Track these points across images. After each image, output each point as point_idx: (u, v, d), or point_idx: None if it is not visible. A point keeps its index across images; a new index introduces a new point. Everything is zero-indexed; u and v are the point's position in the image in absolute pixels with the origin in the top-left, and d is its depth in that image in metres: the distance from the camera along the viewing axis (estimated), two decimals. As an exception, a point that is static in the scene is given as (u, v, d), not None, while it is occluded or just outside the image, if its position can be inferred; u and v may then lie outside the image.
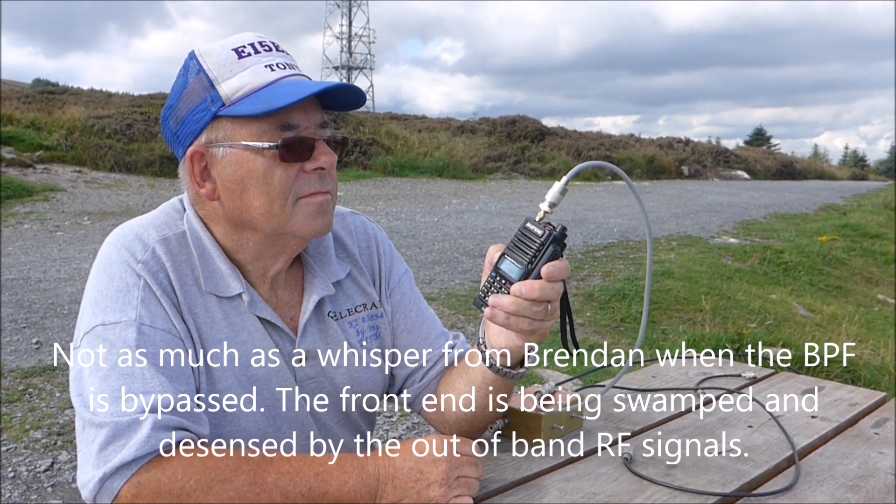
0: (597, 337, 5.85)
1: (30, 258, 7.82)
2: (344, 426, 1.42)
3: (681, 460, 1.35)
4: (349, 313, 1.40)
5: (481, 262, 8.22)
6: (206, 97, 1.20)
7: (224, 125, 1.20)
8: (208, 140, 1.21)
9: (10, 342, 5.08)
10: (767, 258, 9.25)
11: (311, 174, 1.22)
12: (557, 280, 1.14)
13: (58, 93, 23.99)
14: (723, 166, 29.48)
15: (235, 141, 1.19)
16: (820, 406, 1.66)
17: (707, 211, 14.52)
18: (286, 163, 1.20)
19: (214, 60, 1.20)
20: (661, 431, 1.50)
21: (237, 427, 1.26)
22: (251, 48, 1.22)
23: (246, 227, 1.25)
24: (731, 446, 1.43)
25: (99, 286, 1.20)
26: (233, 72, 1.19)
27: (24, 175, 13.01)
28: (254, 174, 1.20)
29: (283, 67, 1.22)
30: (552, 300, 1.16)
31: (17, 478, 3.31)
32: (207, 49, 1.22)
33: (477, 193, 16.25)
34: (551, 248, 1.14)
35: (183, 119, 1.22)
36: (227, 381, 1.24)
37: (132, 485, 1.04)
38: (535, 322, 1.16)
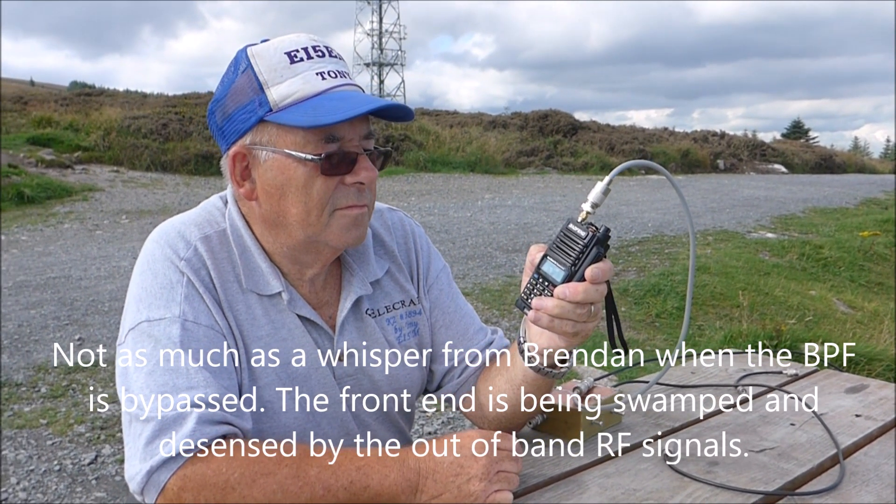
0: (632, 333, 5.81)
1: (70, 257, 7.97)
2: (382, 422, 1.43)
3: (722, 458, 1.34)
4: (387, 310, 1.41)
5: (515, 256, 8.21)
6: (254, 99, 1.20)
7: (269, 130, 1.21)
8: (252, 142, 1.22)
9: (53, 339, 5.19)
10: (806, 253, 9.10)
11: (350, 187, 1.23)
12: (601, 282, 1.14)
13: (94, 94, 24.42)
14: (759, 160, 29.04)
15: (279, 147, 1.20)
16: (864, 405, 1.64)
17: (743, 205, 14.32)
18: (326, 175, 1.20)
19: (266, 63, 1.21)
20: (702, 428, 1.49)
21: (277, 423, 1.27)
22: (304, 53, 1.21)
23: (281, 230, 1.26)
24: (772, 444, 1.41)
25: (143, 283, 1.22)
26: (283, 77, 1.19)
27: (64, 176, 13.25)
28: (294, 182, 1.21)
29: (335, 76, 1.22)
30: (596, 302, 1.15)
31: (63, 471, 3.38)
32: (260, 50, 1.22)
33: (510, 188, 16.21)
34: (595, 249, 1.13)
35: (229, 116, 1.23)
36: (268, 378, 1.26)
37: (178, 478, 1.06)
38: (578, 324, 1.16)
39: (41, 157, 13.66)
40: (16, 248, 8.47)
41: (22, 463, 3.45)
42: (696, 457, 1.34)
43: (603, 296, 1.16)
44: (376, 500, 1.10)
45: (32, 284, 6.67)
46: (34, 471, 3.37)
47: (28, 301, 6.12)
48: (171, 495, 1.06)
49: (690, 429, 1.49)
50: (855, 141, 70.05)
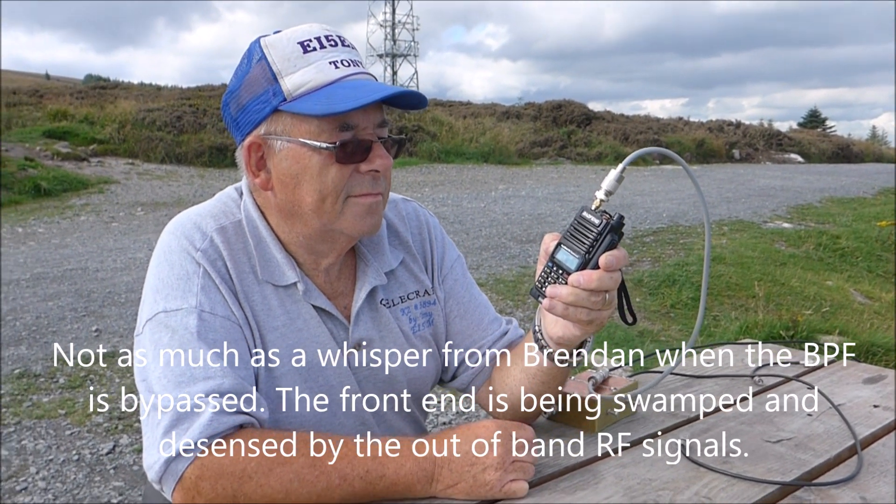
0: (647, 323, 5.79)
1: (87, 249, 8.03)
2: (397, 412, 1.43)
3: (738, 448, 1.34)
4: (402, 301, 1.41)
5: (529, 247, 8.20)
6: (268, 89, 1.20)
7: (284, 119, 1.21)
8: (267, 132, 1.22)
9: (70, 330, 5.23)
10: (823, 243, 9.03)
11: (364, 175, 1.23)
12: (615, 270, 1.13)
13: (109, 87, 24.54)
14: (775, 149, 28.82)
15: (293, 136, 1.20)
16: (882, 395, 1.63)
17: (759, 195, 14.22)
18: (341, 163, 1.20)
19: (279, 53, 1.20)
20: (718, 419, 1.48)
21: (293, 412, 1.28)
22: (317, 42, 1.21)
23: (297, 219, 1.26)
24: (789, 435, 1.40)
25: (160, 274, 1.23)
26: (297, 66, 1.19)
27: (80, 168, 13.34)
28: (308, 171, 1.21)
29: (348, 65, 1.22)
30: (611, 290, 1.15)
31: (81, 460, 3.42)
32: (273, 40, 1.22)
33: (523, 179, 16.17)
34: (609, 237, 1.13)
35: (244, 107, 1.24)
36: (284, 368, 1.27)
37: (196, 467, 1.07)
38: (593, 312, 1.15)
39: (57, 150, 13.75)
40: (33, 241, 8.54)
41: (41, 453, 3.48)
42: (713, 447, 1.34)
43: (617, 283, 1.15)
44: (392, 489, 1.11)
45: (50, 276, 6.73)
46: (53, 460, 3.41)
47: (46, 293, 6.17)
48: (189, 484, 1.07)
49: (706, 419, 1.48)
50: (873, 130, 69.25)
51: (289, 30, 1.24)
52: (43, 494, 3.12)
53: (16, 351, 4.81)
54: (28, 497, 3.09)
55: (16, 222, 9.61)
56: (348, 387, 1.33)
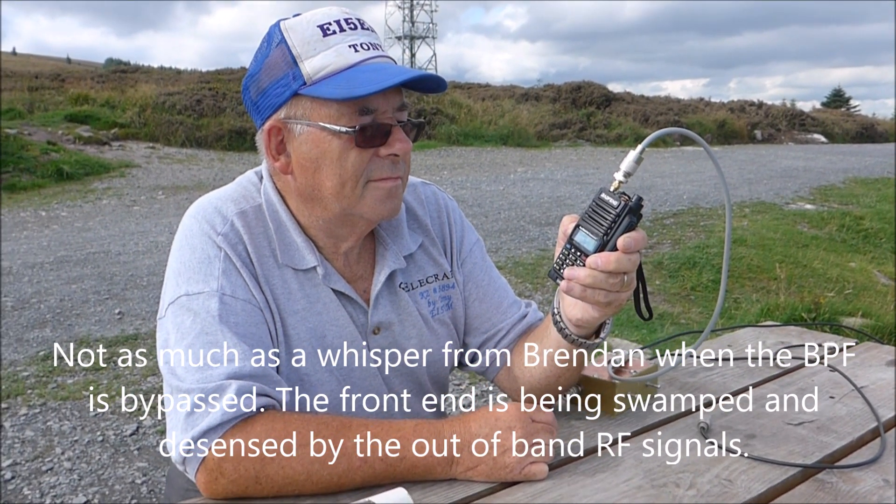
0: (666, 306, 5.77)
1: (109, 232, 8.11)
2: (416, 395, 1.43)
3: (759, 430, 1.33)
4: (420, 284, 1.41)
5: (548, 230, 8.18)
6: (288, 73, 1.20)
7: (304, 103, 1.20)
8: (287, 116, 1.22)
9: (94, 313, 5.30)
10: (846, 225, 8.92)
11: (384, 159, 1.23)
12: (634, 252, 1.13)
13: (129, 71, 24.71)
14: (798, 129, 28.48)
15: (313, 120, 1.20)
16: (905, 376, 1.61)
17: (781, 176, 14.08)
18: (360, 147, 1.20)
19: (299, 36, 1.20)
20: (739, 401, 1.47)
21: (313, 395, 1.29)
22: (336, 25, 1.20)
23: (317, 203, 1.27)
24: (811, 417, 1.40)
25: (182, 257, 1.24)
26: (316, 50, 1.19)
27: (101, 152, 13.45)
28: (328, 155, 1.21)
29: (367, 48, 1.21)
30: (629, 272, 1.14)
31: (106, 441, 3.47)
32: (293, 23, 1.22)
33: (542, 161, 16.10)
34: (627, 218, 1.12)
35: (264, 90, 1.23)
36: (305, 351, 1.27)
37: (218, 448, 1.08)
38: (611, 294, 1.15)
39: (79, 134, 13.86)
40: (56, 224, 8.63)
41: (66, 434, 3.54)
42: (733, 429, 1.33)
43: (636, 266, 1.15)
44: (412, 471, 1.12)
45: (73, 260, 6.80)
46: (78, 441, 3.46)
47: (69, 276, 6.25)
48: (212, 465, 1.09)
49: (727, 401, 1.47)
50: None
51: (308, 13, 1.24)
52: (68, 475, 3.17)
53: (40, 333, 4.88)
54: (54, 477, 3.15)
55: (39, 206, 9.71)
56: (367, 369, 1.34)
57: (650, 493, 1.11)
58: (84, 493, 3.04)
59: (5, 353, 4.52)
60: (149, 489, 3.08)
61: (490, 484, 1.13)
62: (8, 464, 3.23)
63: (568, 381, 1.37)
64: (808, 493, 1.14)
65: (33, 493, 3.03)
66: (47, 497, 3.01)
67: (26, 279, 6.15)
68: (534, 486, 1.13)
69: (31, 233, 8.15)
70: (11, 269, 6.46)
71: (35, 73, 21.43)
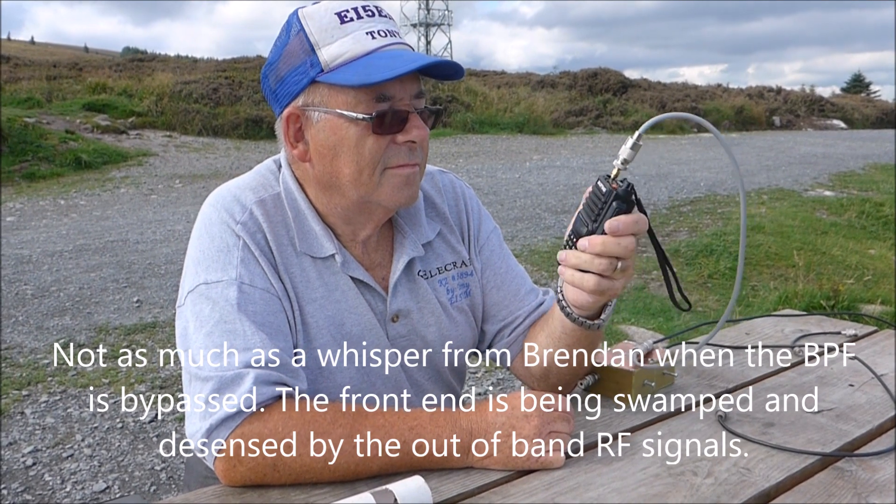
0: (684, 294, 5.74)
1: (127, 221, 8.16)
2: (435, 382, 1.44)
3: (778, 419, 1.32)
4: (439, 272, 1.42)
5: (564, 218, 8.16)
6: (305, 60, 1.20)
7: (321, 90, 1.21)
8: (305, 103, 1.22)
9: (112, 301, 5.34)
10: (866, 211, 8.83)
11: (401, 146, 1.23)
12: (623, 234, 1.12)
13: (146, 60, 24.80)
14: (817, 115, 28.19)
15: (331, 108, 1.20)
16: (926, 364, 1.59)
17: (800, 163, 13.95)
18: (378, 134, 1.20)
19: (317, 24, 1.20)
20: (757, 389, 1.47)
21: (333, 383, 1.29)
22: (354, 13, 1.21)
23: (335, 191, 1.27)
24: (830, 405, 1.39)
25: (201, 246, 1.24)
26: (334, 37, 1.19)
27: (119, 141, 13.53)
28: (346, 142, 1.21)
29: (385, 35, 1.21)
30: (620, 257, 1.14)
31: (125, 428, 3.50)
32: (311, 11, 1.22)
33: (558, 149, 16.04)
34: (615, 204, 1.13)
35: (282, 78, 1.24)
36: (323, 339, 1.28)
37: (237, 436, 1.09)
38: (603, 280, 1.15)
39: (97, 123, 13.95)
40: (75, 213, 8.70)
41: (86, 420, 3.58)
42: (751, 417, 1.32)
43: (627, 251, 1.13)
44: (429, 459, 1.12)
45: (92, 248, 6.86)
46: (98, 428, 3.50)
47: (88, 264, 6.30)
48: (230, 452, 1.09)
49: (745, 389, 1.47)
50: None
51: (326, 1, 1.23)
52: (89, 461, 3.21)
53: (60, 321, 4.93)
54: (75, 464, 3.18)
55: (58, 195, 9.79)
56: (385, 357, 1.34)
57: (667, 481, 1.11)
58: (104, 479, 3.08)
59: (26, 341, 4.57)
60: (168, 476, 3.11)
61: (507, 472, 1.13)
62: (29, 450, 3.27)
63: (580, 366, 1.36)
64: (827, 481, 1.13)
65: (54, 479, 3.07)
66: (68, 483, 3.05)
67: (46, 267, 6.21)
68: (550, 475, 1.13)
69: (50, 221, 8.22)
70: (31, 257, 6.53)
71: (53, 62, 21.57)
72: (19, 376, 4.06)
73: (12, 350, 4.43)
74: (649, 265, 6.27)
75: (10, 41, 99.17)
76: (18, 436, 3.41)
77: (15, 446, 3.32)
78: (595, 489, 1.09)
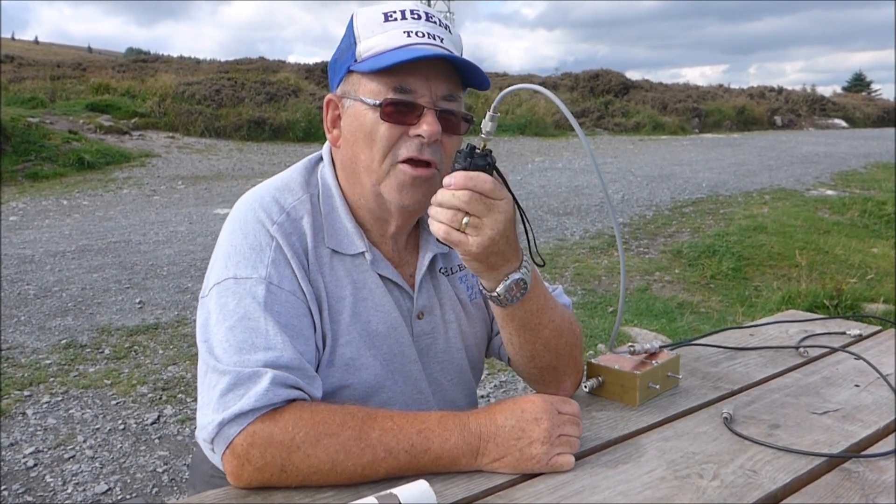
0: (686, 295, 5.73)
1: (130, 221, 8.16)
2: (453, 380, 1.43)
3: (784, 420, 1.32)
4: (460, 269, 1.43)
5: (566, 219, 8.15)
6: (348, 52, 1.27)
7: (353, 79, 1.26)
8: (342, 91, 1.29)
9: (115, 302, 5.34)
10: (868, 210, 8.82)
11: (413, 139, 1.24)
12: (456, 188, 1.12)
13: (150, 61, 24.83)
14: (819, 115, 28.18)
15: (357, 95, 1.25)
16: (933, 365, 1.59)
17: (802, 162, 13.93)
18: (389, 122, 1.22)
19: (363, 20, 1.26)
20: (762, 391, 1.46)
21: (359, 378, 1.29)
22: (400, 14, 1.26)
23: (356, 179, 1.29)
24: (836, 406, 1.38)
25: (234, 241, 1.25)
26: (374, 32, 1.24)
27: (122, 142, 13.53)
28: (363, 128, 1.24)
29: (422, 35, 1.24)
30: (458, 208, 1.13)
31: (127, 430, 3.50)
32: (364, 9, 1.29)
33: (560, 151, 16.03)
34: (457, 164, 1.16)
35: (335, 69, 1.32)
36: (350, 335, 1.28)
37: (247, 433, 1.09)
38: (453, 232, 1.13)
39: (100, 124, 13.96)
40: (78, 213, 8.70)
41: (88, 422, 3.57)
42: (757, 419, 1.32)
43: (463, 202, 1.12)
44: (437, 462, 1.11)
45: (94, 248, 6.86)
46: (100, 429, 3.49)
47: (91, 265, 6.30)
48: (240, 450, 1.09)
49: (750, 391, 1.46)
50: (921, 94, 67.07)
51: (385, 1, 1.29)
52: (90, 462, 3.20)
53: (62, 321, 4.93)
54: (76, 465, 3.18)
55: (61, 195, 9.79)
56: (409, 354, 1.34)
57: (673, 484, 1.10)
58: (106, 480, 3.07)
59: (28, 341, 4.57)
60: (170, 478, 3.11)
61: (511, 476, 1.12)
62: (30, 451, 3.27)
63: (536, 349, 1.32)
64: (835, 482, 1.13)
65: (55, 481, 3.06)
66: (69, 485, 3.04)
67: (48, 267, 6.21)
68: (555, 478, 1.12)
69: (52, 221, 8.22)
70: (34, 257, 6.53)
71: (57, 62, 21.59)
72: (21, 376, 4.05)
73: (14, 350, 4.43)
74: (651, 266, 6.26)
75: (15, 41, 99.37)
76: (20, 436, 3.40)
77: (16, 447, 3.31)
78: (601, 492, 1.08)
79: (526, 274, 1.22)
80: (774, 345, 1.74)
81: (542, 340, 1.31)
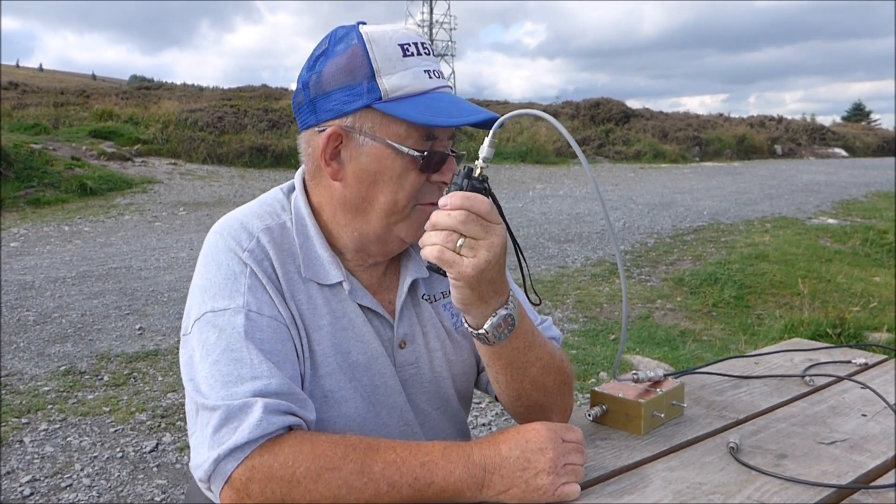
0: (688, 323, 5.71)
1: (131, 248, 8.16)
2: (440, 410, 1.41)
3: (791, 450, 1.30)
4: (443, 296, 1.40)
5: (567, 247, 8.15)
6: (363, 84, 1.20)
7: (374, 117, 1.21)
8: (353, 125, 1.22)
9: (114, 328, 5.32)
10: (870, 239, 8.82)
11: (434, 185, 1.25)
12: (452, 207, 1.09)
13: (153, 88, 25.00)
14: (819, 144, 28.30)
15: (380, 136, 1.21)
16: (940, 395, 1.57)
17: (803, 191, 13.96)
18: (421, 171, 1.23)
19: (381, 51, 1.20)
20: (768, 420, 1.44)
21: (339, 412, 1.27)
22: (415, 48, 1.23)
23: (360, 216, 1.26)
24: (844, 436, 1.36)
25: (207, 274, 1.23)
26: (396, 68, 1.20)
27: (124, 168, 13.58)
28: (389, 172, 1.22)
29: (437, 76, 1.24)
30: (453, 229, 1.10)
31: (125, 458, 3.46)
32: (375, 37, 1.22)
33: (561, 178, 16.07)
34: (453, 186, 1.15)
35: (328, 93, 1.23)
36: (329, 367, 1.26)
37: (245, 468, 1.06)
38: (446, 252, 1.10)
39: (103, 150, 14.02)
40: (79, 239, 8.71)
41: (86, 449, 3.54)
42: (764, 449, 1.30)
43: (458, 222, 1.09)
44: (441, 496, 1.09)
45: (95, 274, 6.85)
46: (97, 457, 3.46)
47: (91, 291, 6.28)
48: (238, 485, 1.06)
49: (756, 421, 1.44)
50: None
51: (387, 27, 1.24)
52: (87, 491, 3.16)
53: (62, 348, 4.91)
54: (73, 494, 3.14)
55: (63, 221, 9.81)
56: (392, 384, 1.32)
57: (679, 514, 1.08)
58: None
59: (26, 368, 4.54)
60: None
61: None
62: (27, 479, 3.23)
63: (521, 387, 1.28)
64: (844, 515, 1.11)
65: (53, 509, 3.03)
66: (67, 513, 3.01)
67: (48, 293, 6.20)
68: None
69: (53, 247, 8.22)
70: (34, 283, 6.52)
71: (60, 89, 21.74)
72: (19, 403, 4.03)
73: (13, 377, 4.40)
74: (653, 294, 6.24)
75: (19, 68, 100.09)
76: (17, 465, 3.37)
77: (13, 475, 3.28)
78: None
79: (513, 309, 1.19)
80: (780, 373, 1.72)
81: (530, 378, 1.28)
